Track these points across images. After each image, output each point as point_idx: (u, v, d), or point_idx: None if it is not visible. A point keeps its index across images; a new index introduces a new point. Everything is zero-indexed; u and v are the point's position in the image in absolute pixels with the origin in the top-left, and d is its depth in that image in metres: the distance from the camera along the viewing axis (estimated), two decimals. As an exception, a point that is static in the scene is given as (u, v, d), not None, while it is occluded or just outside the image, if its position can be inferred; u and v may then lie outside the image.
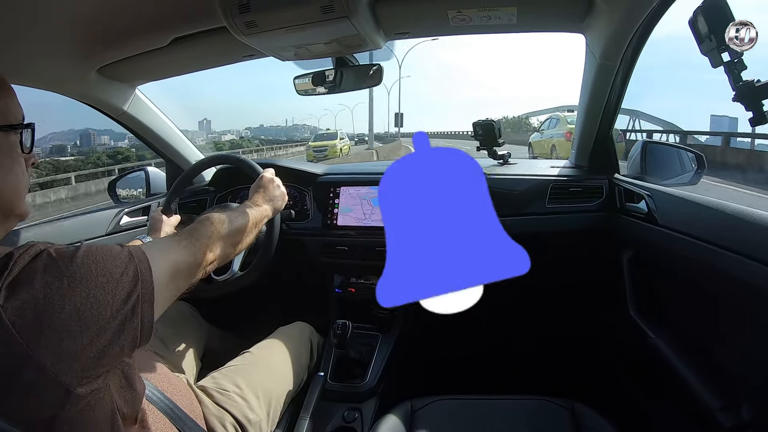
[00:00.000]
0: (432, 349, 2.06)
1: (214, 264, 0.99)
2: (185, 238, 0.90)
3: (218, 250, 0.99)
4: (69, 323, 0.57)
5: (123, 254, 0.67)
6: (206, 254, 0.93)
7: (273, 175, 1.46)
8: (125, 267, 0.66)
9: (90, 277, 0.61)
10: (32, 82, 1.41)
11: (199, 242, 0.92)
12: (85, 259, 0.62)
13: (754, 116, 0.89)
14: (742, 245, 0.96)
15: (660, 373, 1.32)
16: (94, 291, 0.60)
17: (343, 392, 1.49)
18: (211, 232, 0.98)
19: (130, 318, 0.64)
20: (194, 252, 0.89)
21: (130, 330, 0.64)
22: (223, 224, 1.04)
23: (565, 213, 1.70)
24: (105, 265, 0.63)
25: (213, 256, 0.97)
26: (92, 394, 0.61)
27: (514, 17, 1.29)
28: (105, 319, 0.61)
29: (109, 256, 0.65)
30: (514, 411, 1.24)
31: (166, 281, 0.75)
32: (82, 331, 0.58)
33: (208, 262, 0.94)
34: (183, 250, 0.86)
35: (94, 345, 0.60)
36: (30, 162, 0.79)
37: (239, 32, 1.19)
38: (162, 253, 0.79)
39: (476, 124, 1.83)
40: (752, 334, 1.00)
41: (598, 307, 1.80)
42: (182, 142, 2.10)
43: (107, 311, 0.61)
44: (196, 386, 1.22)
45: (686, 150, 1.57)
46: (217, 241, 0.99)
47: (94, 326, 0.60)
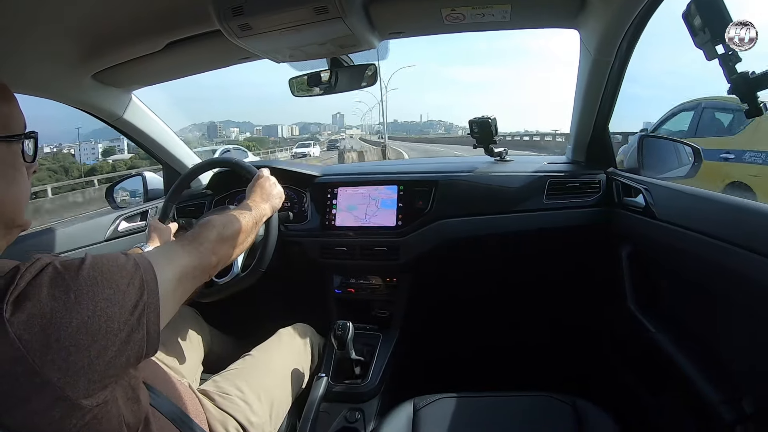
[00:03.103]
0: (433, 348, 2.06)
1: (218, 267, 0.99)
2: (188, 242, 0.91)
3: (221, 252, 0.99)
4: (77, 337, 0.57)
5: (129, 264, 0.67)
6: (210, 257, 0.94)
7: (268, 173, 1.47)
8: (131, 277, 0.65)
9: (97, 290, 0.60)
10: (26, 89, 1.41)
11: (202, 246, 0.92)
12: (92, 271, 0.61)
13: (749, 108, 0.89)
14: (742, 237, 0.96)
15: (661, 367, 1.32)
16: (101, 304, 0.60)
17: (345, 393, 1.49)
18: (214, 235, 0.98)
19: (137, 329, 0.64)
20: (198, 256, 0.89)
21: (137, 341, 0.64)
22: (225, 226, 1.04)
23: (563, 208, 1.70)
24: (111, 276, 0.63)
25: (216, 258, 0.97)
26: (99, 407, 0.61)
27: (507, 14, 1.29)
28: (113, 332, 0.61)
29: (116, 267, 0.64)
30: (517, 407, 1.24)
31: (172, 288, 0.75)
32: (89, 345, 0.58)
33: (212, 265, 0.95)
34: (187, 255, 0.86)
35: (102, 358, 0.59)
36: (32, 171, 0.78)
37: (233, 35, 1.19)
38: (167, 260, 0.79)
39: (472, 122, 1.83)
40: (752, 327, 1.00)
41: (597, 302, 1.80)
42: (178, 146, 2.10)
43: (114, 323, 0.61)
44: (198, 390, 1.22)
45: (683, 143, 1.57)
46: (220, 244, 0.99)
47: (102, 339, 0.59)
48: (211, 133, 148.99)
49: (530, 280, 1.90)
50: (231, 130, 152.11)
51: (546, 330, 2.04)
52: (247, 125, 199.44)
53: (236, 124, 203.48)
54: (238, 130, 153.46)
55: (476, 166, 1.85)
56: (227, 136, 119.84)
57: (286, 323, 1.62)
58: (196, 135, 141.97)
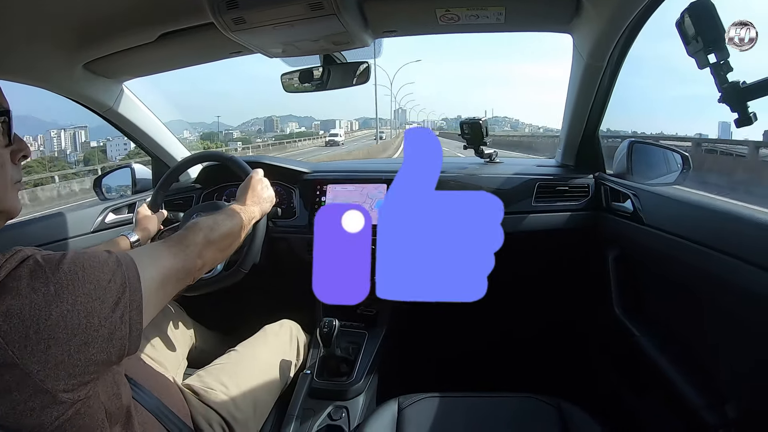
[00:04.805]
0: (419, 347, 2.07)
1: (203, 270, 0.98)
2: (175, 244, 0.89)
3: (207, 255, 0.97)
4: (55, 330, 0.56)
5: (111, 261, 0.66)
6: (195, 261, 0.92)
7: (262, 175, 1.45)
8: (113, 274, 0.64)
9: (77, 284, 0.60)
10: (17, 77, 1.39)
11: (188, 249, 0.91)
12: (72, 266, 0.61)
13: (739, 117, 0.90)
14: (728, 244, 0.97)
15: (645, 370, 1.33)
16: (81, 298, 0.59)
17: (330, 390, 1.48)
18: (200, 238, 0.96)
19: (119, 326, 0.63)
20: (184, 258, 0.87)
21: (118, 338, 0.63)
22: (212, 230, 1.02)
23: (551, 211, 1.71)
24: (92, 272, 0.62)
25: (202, 262, 0.95)
26: (81, 402, 0.61)
27: (502, 17, 1.30)
28: (93, 327, 0.60)
29: (97, 263, 0.64)
30: (501, 408, 1.24)
31: (155, 288, 0.74)
32: (68, 339, 0.57)
33: (197, 268, 0.93)
34: (173, 257, 0.84)
35: (82, 353, 0.59)
36: (19, 155, 0.76)
37: (227, 28, 1.18)
38: (151, 260, 0.77)
39: (463, 123, 1.84)
40: (737, 333, 1.01)
41: (584, 304, 1.82)
42: (168, 139, 2.08)
43: (94, 319, 0.60)
44: (182, 385, 1.21)
45: (672, 150, 1.58)
46: (206, 247, 0.97)
47: (82, 334, 0.59)
48: (267, 127, 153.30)
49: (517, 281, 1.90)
50: (288, 125, 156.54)
51: (532, 331, 2.05)
52: (309, 120, 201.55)
53: (297, 118, 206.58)
54: (296, 125, 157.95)
55: (466, 167, 1.85)
56: (282, 131, 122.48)
57: (271, 319, 1.62)
58: (252, 130, 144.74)
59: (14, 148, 0.75)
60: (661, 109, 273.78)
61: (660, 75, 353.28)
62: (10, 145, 0.74)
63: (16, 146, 0.75)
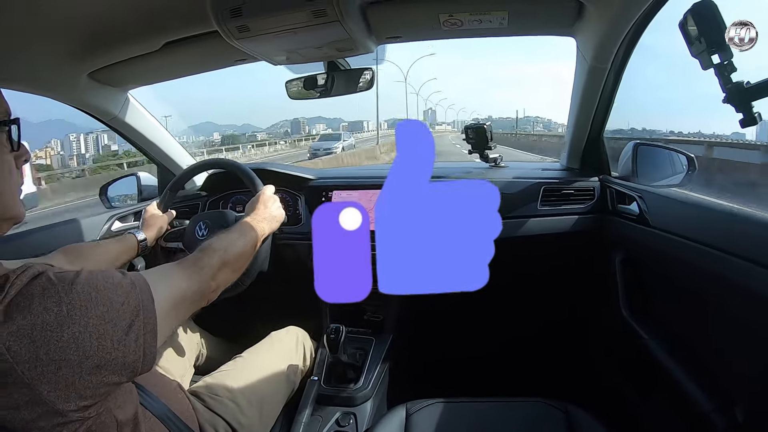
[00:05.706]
0: (426, 352, 2.06)
1: (217, 292, 0.97)
2: (189, 266, 0.89)
3: (221, 277, 0.97)
4: (67, 352, 0.56)
5: (125, 282, 0.65)
6: (210, 283, 0.92)
7: (273, 191, 1.44)
8: (126, 296, 0.64)
9: (90, 306, 0.59)
10: (22, 86, 1.41)
11: (203, 271, 0.90)
12: (86, 286, 0.60)
13: (744, 118, 0.90)
14: (735, 246, 0.97)
15: (653, 373, 1.32)
16: (93, 320, 0.59)
17: (337, 396, 1.48)
18: (215, 260, 0.96)
19: (133, 349, 0.63)
20: (198, 281, 0.87)
21: (131, 362, 0.63)
22: (226, 251, 1.01)
23: (557, 215, 1.71)
24: (106, 293, 0.62)
25: (216, 284, 0.95)
26: (92, 419, 0.61)
27: (505, 21, 1.30)
28: (105, 350, 0.59)
29: (111, 285, 0.63)
30: (509, 413, 1.24)
31: (167, 309, 0.73)
32: (80, 361, 0.57)
33: (211, 290, 0.92)
34: (187, 279, 0.84)
35: (94, 375, 0.59)
36: (21, 160, 0.76)
37: (231, 37, 1.19)
38: (165, 282, 0.77)
39: (468, 128, 1.84)
40: (745, 336, 1.00)
41: (590, 308, 1.81)
42: (173, 146, 2.09)
43: (107, 342, 0.60)
44: (188, 391, 1.21)
45: (678, 152, 1.57)
46: (221, 269, 0.97)
47: (94, 357, 0.58)
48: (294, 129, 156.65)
49: (523, 285, 1.90)
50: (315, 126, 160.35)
51: (539, 335, 2.04)
52: (337, 121, 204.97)
53: (326, 120, 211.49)
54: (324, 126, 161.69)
55: (471, 171, 1.85)
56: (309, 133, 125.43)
57: (278, 326, 1.62)
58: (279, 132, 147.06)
59: (18, 154, 0.75)
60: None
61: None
62: (15, 152, 0.75)
63: (20, 152, 0.76)
